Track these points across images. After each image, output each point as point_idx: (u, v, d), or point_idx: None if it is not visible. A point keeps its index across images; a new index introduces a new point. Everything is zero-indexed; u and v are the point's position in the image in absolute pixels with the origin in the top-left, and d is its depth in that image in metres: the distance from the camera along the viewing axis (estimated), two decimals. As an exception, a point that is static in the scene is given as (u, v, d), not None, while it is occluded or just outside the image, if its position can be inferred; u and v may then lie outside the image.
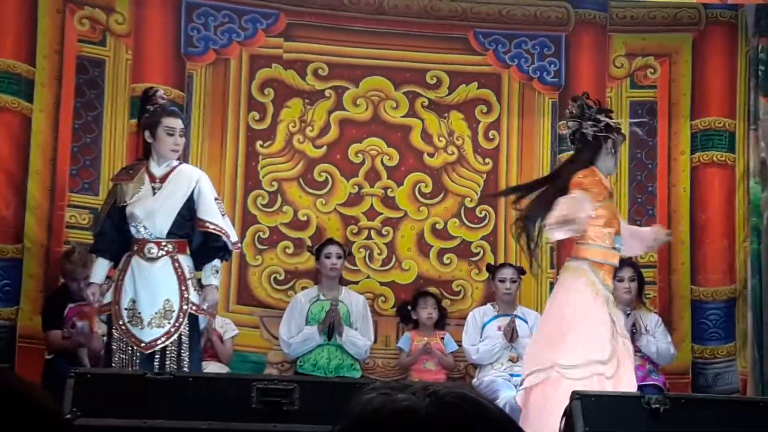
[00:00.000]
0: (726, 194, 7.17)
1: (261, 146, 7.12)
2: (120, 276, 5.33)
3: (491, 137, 7.34)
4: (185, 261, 5.39)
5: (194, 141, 6.96)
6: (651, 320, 6.53)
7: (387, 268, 7.15)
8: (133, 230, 5.34)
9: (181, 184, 5.45)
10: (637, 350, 6.35)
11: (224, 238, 5.43)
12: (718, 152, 7.18)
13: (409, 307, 6.73)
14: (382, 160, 7.24)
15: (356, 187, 7.20)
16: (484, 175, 7.30)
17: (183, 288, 5.31)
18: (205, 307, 5.43)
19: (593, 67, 7.37)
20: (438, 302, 6.75)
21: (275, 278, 7.03)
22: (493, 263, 6.97)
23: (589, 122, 5.34)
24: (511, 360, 6.44)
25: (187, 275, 5.36)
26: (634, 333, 6.37)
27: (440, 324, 6.72)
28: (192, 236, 5.45)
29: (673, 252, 7.22)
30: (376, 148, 7.24)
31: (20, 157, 6.48)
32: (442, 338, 6.66)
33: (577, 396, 4.50)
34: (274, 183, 7.12)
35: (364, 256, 7.13)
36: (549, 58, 7.37)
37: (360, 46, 7.28)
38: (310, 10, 7.22)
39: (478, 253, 7.22)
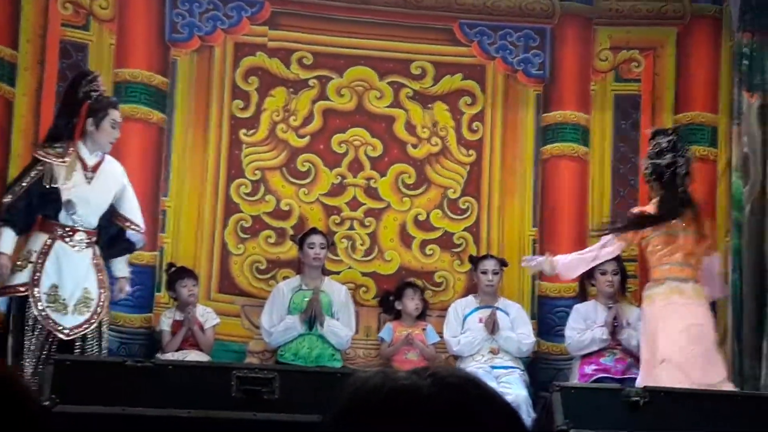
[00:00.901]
0: (708, 189, 7.18)
1: (244, 135, 7.10)
2: (40, 259, 5.24)
3: (475, 129, 7.34)
4: (98, 251, 5.45)
5: (177, 128, 6.93)
6: (633, 314, 6.54)
7: (369, 258, 7.14)
8: (62, 216, 5.29)
9: (112, 178, 5.48)
10: (618, 344, 6.40)
11: (142, 237, 5.71)
12: (701, 147, 7.19)
13: (392, 298, 6.73)
14: (365, 151, 7.22)
15: (339, 178, 7.18)
16: (468, 167, 7.30)
17: (101, 277, 5.38)
18: (121, 296, 5.66)
19: (578, 60, 7.37)
20: (422, 293, 6.76)
21: (257, 267, 7.02)
22: (475, 254, 6.97)
23: (683, 158, 5.78)
24: (491, 352, 6.44)
25: (102, 265, 5.44)
26: (616, 326, 6.40)
27: (422, 315, 6.72)
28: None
29: (655, 246, 7.23)
30: (359, 139, 7.23)
31: (1, 141, 6.43)
32: (424, 329, 6.66)
33: (557, 388, 4.51)
34: (257, 172, 7.10)
35: (347, 247, 7.12)
36: (534, 50, 7.37)
37: (345, 36, 7.26)
38: (296, -1, 7.20)
39: (460, 245, 7.22)
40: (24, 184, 5.30)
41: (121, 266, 5.66)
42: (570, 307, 6.74)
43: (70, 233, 5.28)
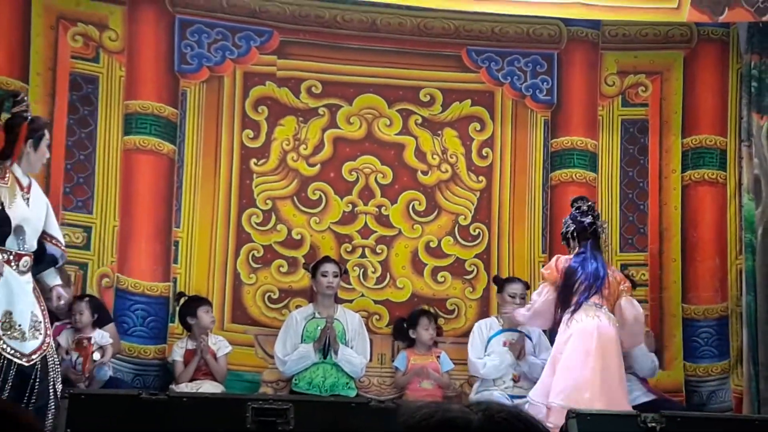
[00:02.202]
0: (717, 212, 7.19)
1: (255, 164, 7.12)
2: None
3: (485, 155, 7.35)
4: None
5: (188, 158, 6.95)
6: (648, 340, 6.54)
7: (381, 286, 7.14)
8: (11, 241, 5.04)
9: (41, 198, 5.36)
10: (627, 367, 6.39)
11: (63, 252, 5.47)
12: (710, 170, 7.21)
13: (406, 325, 6.71)
14: (375, 178, 7.24)
15: (350, 206, 7.19)
16: (478, 193, 7.31)
17: (40, 301, 5.20)
18: (62, 303, 5.43)
19: (585, 85, 7.39)
20: (435, 321, 6.75)
21: (269, 297, 7.02)
22: (497, 277, 6.94)
23: (599, 222, 6.17)
24: (513, 379, 6.41)
25: (38, 289, 5.26)
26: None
27: (434, 342, 6.71)
28: None
29: (665, 270, 7.24)
30: (369, 166, 7.25)
31: (13, 173, 6.43)
32: (438, 357, 6.65)
33: (573, 415, 4.50)
34: (268, 201, 7.11)
35: (359, 275, 7.12)
36: (541, 75, 7.39)
37: (353, 64, 7.28)
38: (304, 28, 7.22)
39: (472, 271, 7.22)
40: None
41: (52, 276, 5.43)
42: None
43: (18, 258, 5.06)
